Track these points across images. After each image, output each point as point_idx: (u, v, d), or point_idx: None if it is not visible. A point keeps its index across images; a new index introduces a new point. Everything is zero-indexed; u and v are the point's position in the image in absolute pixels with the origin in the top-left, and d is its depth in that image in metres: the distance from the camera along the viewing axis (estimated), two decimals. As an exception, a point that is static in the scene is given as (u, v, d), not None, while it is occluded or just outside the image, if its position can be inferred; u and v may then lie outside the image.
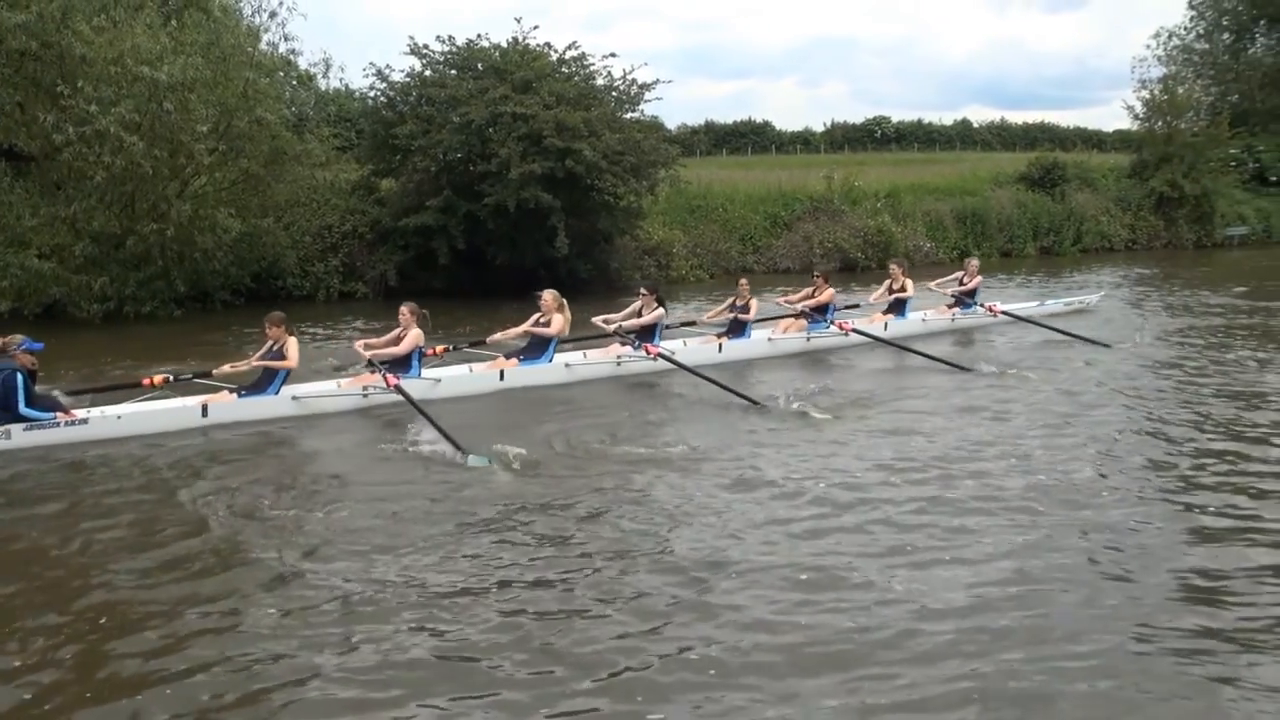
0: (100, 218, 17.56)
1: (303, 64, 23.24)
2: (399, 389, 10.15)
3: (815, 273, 15.08)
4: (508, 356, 11.83)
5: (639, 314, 12.83)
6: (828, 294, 14.34)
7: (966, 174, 35.02)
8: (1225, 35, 42.88)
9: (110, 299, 17.67)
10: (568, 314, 12.03)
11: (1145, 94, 36.46)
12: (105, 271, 17.56)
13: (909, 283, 15.44)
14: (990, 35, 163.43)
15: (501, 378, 11.42)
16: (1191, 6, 43.23)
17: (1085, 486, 7.60)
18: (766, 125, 64.95)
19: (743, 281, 14.12)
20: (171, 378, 10.06)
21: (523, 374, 11.60)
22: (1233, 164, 36.93)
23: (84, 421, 9.31)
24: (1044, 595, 5.76)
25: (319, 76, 23.69)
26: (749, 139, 62.46)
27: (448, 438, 8.78)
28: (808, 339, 13.97)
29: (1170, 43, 42.98)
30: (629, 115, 22.45)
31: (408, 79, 22.23)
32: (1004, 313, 15.94)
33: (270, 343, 10.39)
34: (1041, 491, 7.49)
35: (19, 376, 9.00)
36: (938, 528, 6.81)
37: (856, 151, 56.17)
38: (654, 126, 23.21)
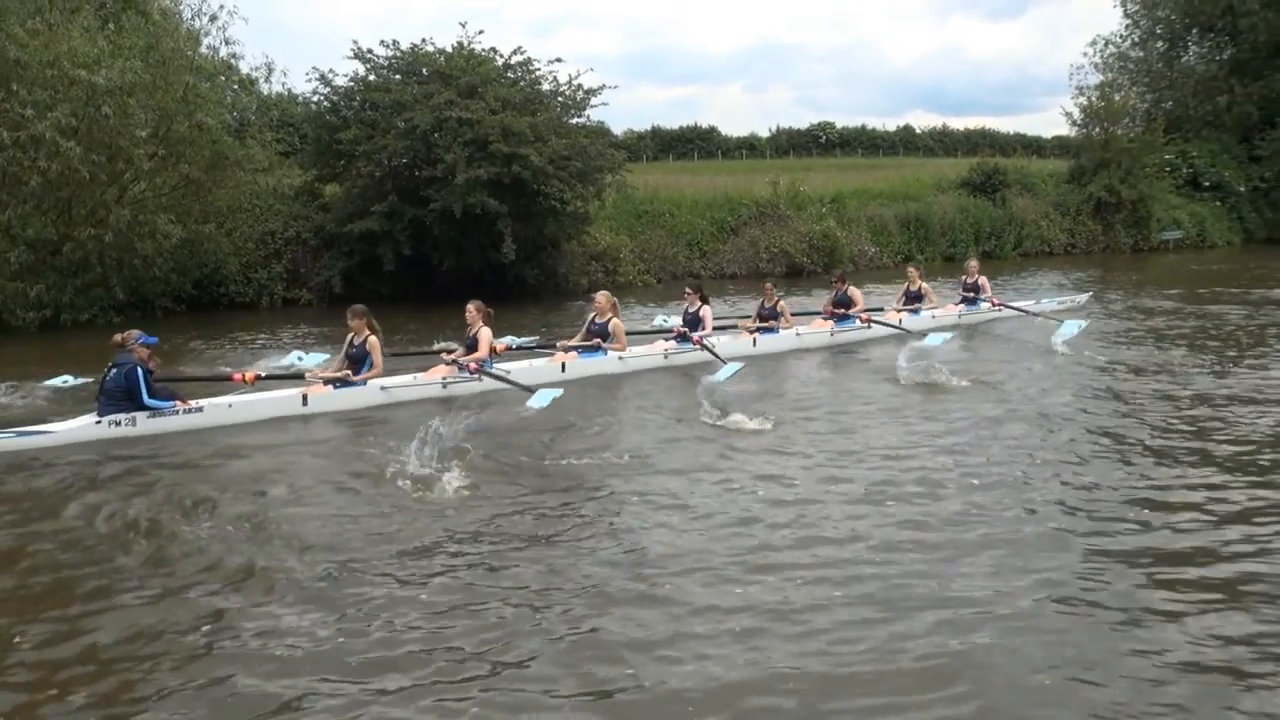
0: (36, 223, 17.32)
1: (244, 68, 22.94)
2: (482, 371, 11.06)
3: (834, 274, 16.21)
4: (565, 350, 12.61)
5: (686, 312, 13.83)
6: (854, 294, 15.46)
7: (910, 179, 35.52)
8: (1159, 43, 44.03)
9: (47, 306, 17.41)
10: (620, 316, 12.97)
11: (1083, 100, 37.51)
12: (41, 279, 17.29)
13: (925, 285, 16.54)
14: (932, 43, 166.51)
15: (563, 369, 12.25)
16: (1127, 15, 44.48)
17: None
18: (712, 131, 65.67)
19: (768, 285, 15.44)
20: (262, 374, 10.74)
21: (582, 365, 12.42)
22: (1167, 169, 37.86)
23: (199, 409, 10.01)
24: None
25: (261, 81, 23.45)
26: (695, 144, 63.04)
27: (521, 386, 10.37)
28: (832, 333, 14.94)
29: (1106, 50, 44.35)
30: (575, 121, 22.56)
31: (351, 83, 22.13)
32: (1006, 305, 17.08)
33: (351, 335, 11.05)
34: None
35: (140, 370, 9.73)
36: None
37: (802, 157, 56.89)
38: (600, 132, 23.32)
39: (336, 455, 8.94)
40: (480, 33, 23.72)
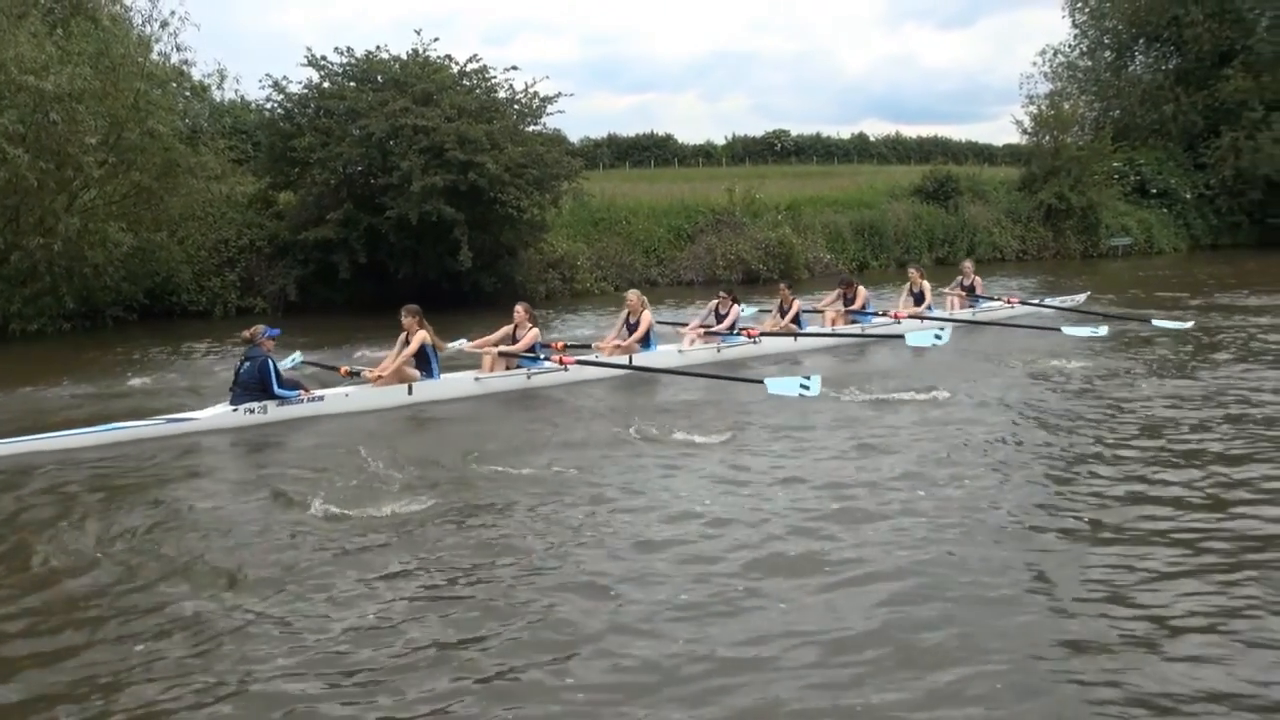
0: (-17, 232, 17.04)
1: (196, 75, 22.66)
2: (581, 361, 12.39)
3: (842, 279, 17.08)
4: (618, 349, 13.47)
5: (716, 313, 14.78)
6: (862, 294, 16.53)
7: (864, 186, 35.71)
8: (1107, 53, 44.66)
9: (-6, 316, 17.12)
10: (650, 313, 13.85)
11: (1033, 109, 37.83)
12: (-12, 288, 17.04)
13: (926, 285, 17.29)
14: (885, 51, 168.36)
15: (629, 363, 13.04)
16: (1075, 25, 44.92)
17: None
18: (668, 138, 65.83)
19: (783, 287, 16.07)
20: (354, 372, 11.83)
21: (648, 358, 13.46)
22: (1116, 176, 38.28)
23: (320, 398, 11.13)
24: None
25: (214, 88, 23.16)
26: (651, 152, 63.09)
27: (730, 377, 11.78)
28: (863, 330, 15.90)
29: (1055, 60, 44.77)
30: (531, 128, 22.60)
31: (306, 90, 22.00)
32: (1021, 303, 18.34)
33: (404, 334, 11.92)
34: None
35: (270, 362, 10.73)
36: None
37: (757, 164, 56.96)
38: (556, 139, 23.37)
39: (439, 441, 10.14)
40: (435, 40, 24.01)
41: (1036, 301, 19.04)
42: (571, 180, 23.13)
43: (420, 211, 20.00)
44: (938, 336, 13.28)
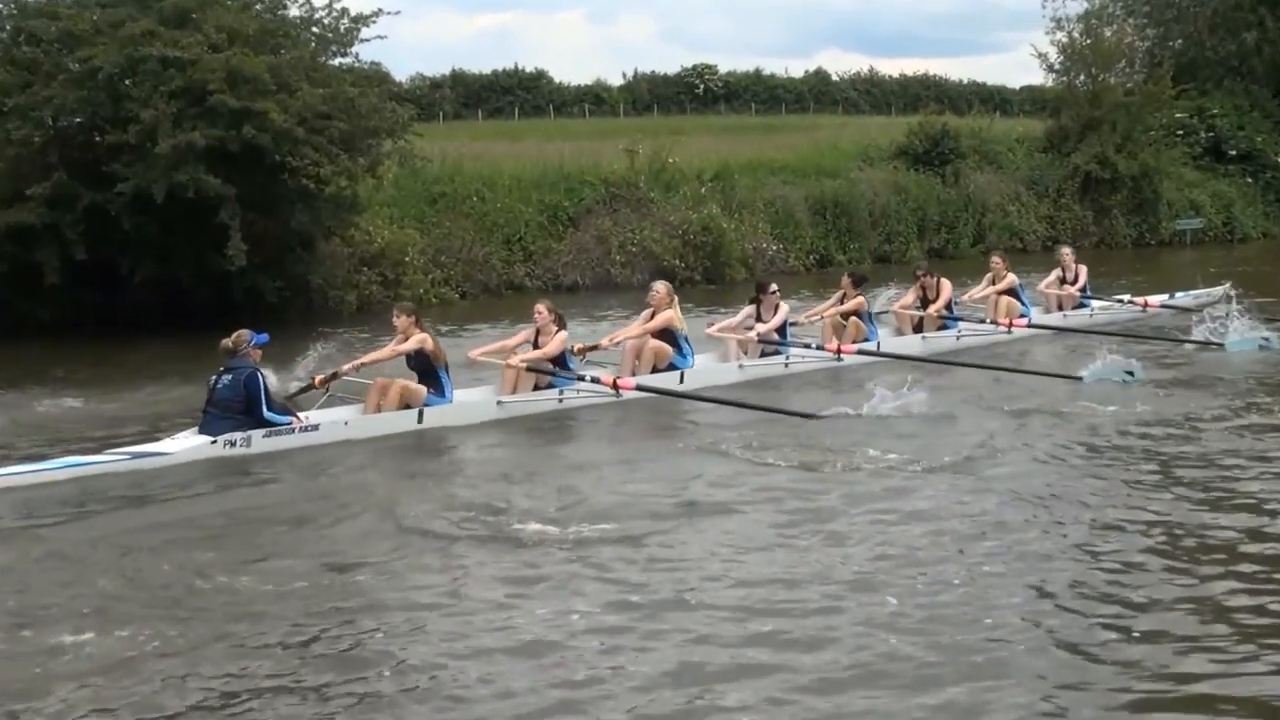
0: None
1: None
2: (641, 387, 13.95)
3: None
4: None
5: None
6: (946, 290, 18.37)
7: (824, 147, 35.62)
8: (1165, -43, 45.39)
9: None
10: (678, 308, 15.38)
11: (1061, 37, 38.62)
12: None
13: (1012, 276, 19.41)
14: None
15: (682, 380, 14.84)
16: (1120, -82, 45.66)
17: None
18: (540, 76, 66.85)
19: (846, 278, 17.89)
20: (331, 376, 13.11)
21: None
22: (1179, 133, 38.83)
23: (315, 427, 12.24)
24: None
25: None
26: (515, 96, 64.27)
27: (773, 409, 13.31)
28: (957, 338, 18.27)
29: (1093, -34, 45.39)
30: (338, 62, 22.52)
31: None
32: (1164, 306, 20.77)
33: (400, 335, 13.35)
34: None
35: (260, 378, 11.67)
36: None
37: (670, 114, 58.19)
38: (375, 78, 23.20)
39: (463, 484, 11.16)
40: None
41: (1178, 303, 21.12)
42: (397, 137, 23.00)
43: (170, 184, 19.50)
44: (1129, 375, 14.23)
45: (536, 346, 14.00)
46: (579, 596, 7.87)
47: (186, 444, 11.44)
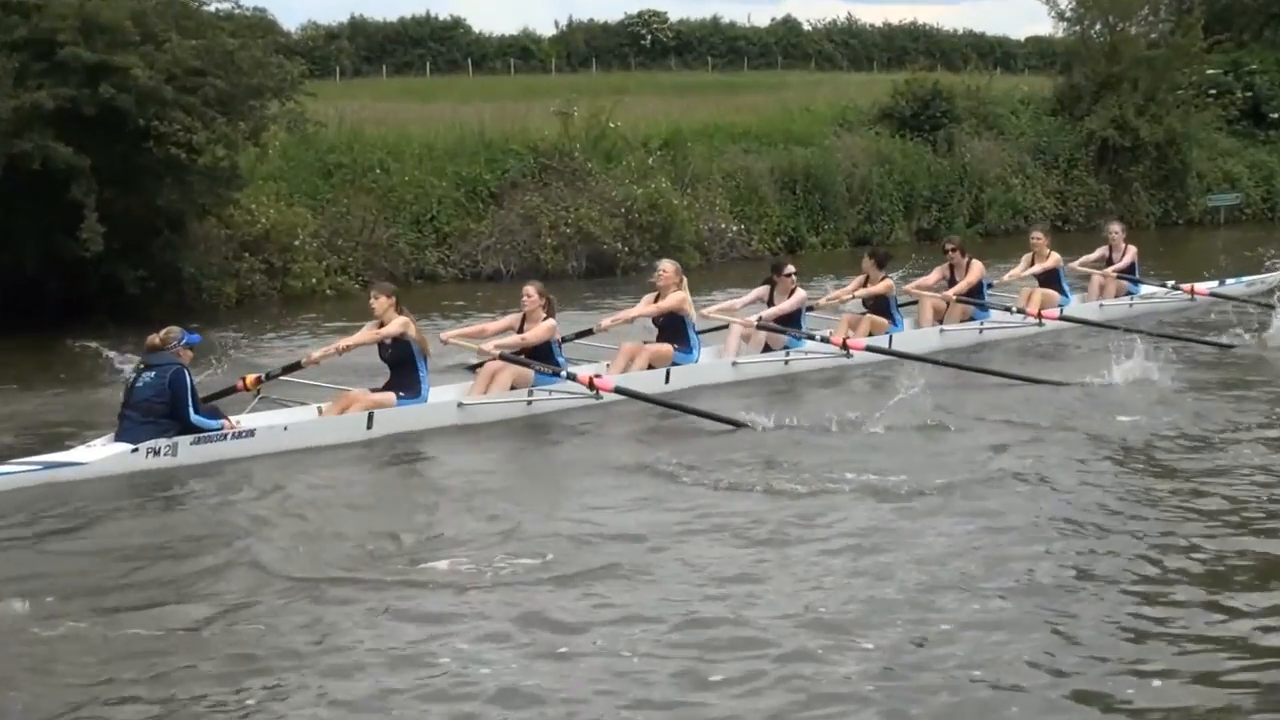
0: None
1: None
2: (620, 389, 13.38)
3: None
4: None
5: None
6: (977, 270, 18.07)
7: (794, 108, 35.58)
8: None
9: None
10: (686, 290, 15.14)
11: (1074, -20, 37.60)
12: None
13: (1056, 255, 18.82)
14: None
15: (668, 379, 14.60)
16: None
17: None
18: (456, 26, 67.33)
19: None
20: (264, 376, 12.85)
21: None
22: (1212, 92, 37.89)
23: (250, 433, 11.98)
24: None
25: None
26: (427, 49, 63.93)
27: (715, 416, 12.94)
28: (980, 330, 17.89)
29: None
30: (214, 8, 22.06)
31: None
32: (1213, 294, 20.26)
33: (377, 321, 13.13)
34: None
35: (187, 376, 11.42)
36: None
37: (612, 70, 58.77)
38: (259, 26, 22.60)
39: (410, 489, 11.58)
40: None
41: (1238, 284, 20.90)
42: (285, 98, 22.31)
43: (10, 153, 18.86)
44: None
45: (521, 332, 13.90)
46: (496, 643, 7.63)
47: (103, 453, 11.13)
